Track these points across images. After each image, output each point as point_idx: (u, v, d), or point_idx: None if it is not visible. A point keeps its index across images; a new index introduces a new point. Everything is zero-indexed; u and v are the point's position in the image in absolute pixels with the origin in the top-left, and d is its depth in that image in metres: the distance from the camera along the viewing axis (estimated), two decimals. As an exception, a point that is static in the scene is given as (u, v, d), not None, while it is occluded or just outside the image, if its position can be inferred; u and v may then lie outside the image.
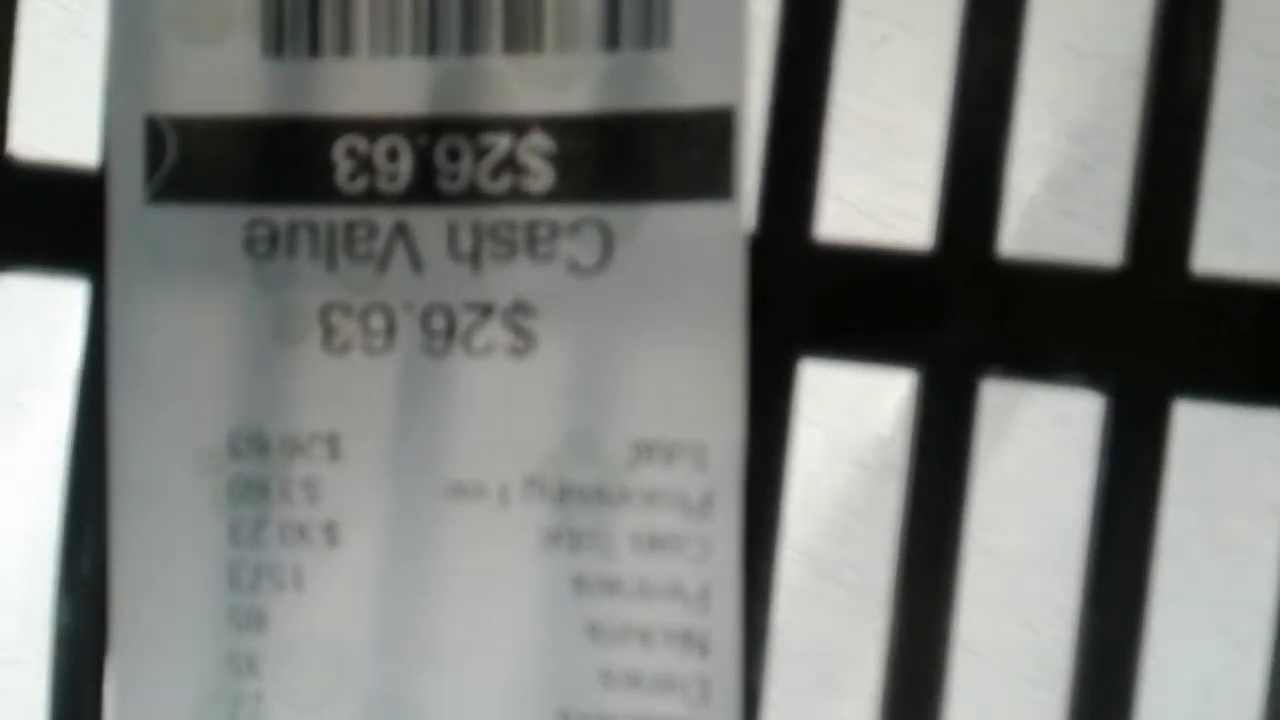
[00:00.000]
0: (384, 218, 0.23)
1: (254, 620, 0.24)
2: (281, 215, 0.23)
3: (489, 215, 0.22)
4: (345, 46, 0.23)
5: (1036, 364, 0.21)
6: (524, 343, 0.23)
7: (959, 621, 0.22)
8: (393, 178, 0.23)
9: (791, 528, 0.22)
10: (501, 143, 0.23)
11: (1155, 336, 0.21)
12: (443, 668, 0.23)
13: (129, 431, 0.24)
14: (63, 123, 0.26)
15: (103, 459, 0.23)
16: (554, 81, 0.23)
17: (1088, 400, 0.21)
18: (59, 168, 0.24)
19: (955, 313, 0.22)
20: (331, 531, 0.23)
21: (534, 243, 0.22)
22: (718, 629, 0.22)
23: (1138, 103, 0.21)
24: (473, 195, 0.23)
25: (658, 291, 0.22)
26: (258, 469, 0.23)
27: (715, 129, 0.22)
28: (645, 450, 0.23)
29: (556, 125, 0.22)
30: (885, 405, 0.26)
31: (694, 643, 0.22)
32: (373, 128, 0.23)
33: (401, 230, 0.23)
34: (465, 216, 0.23)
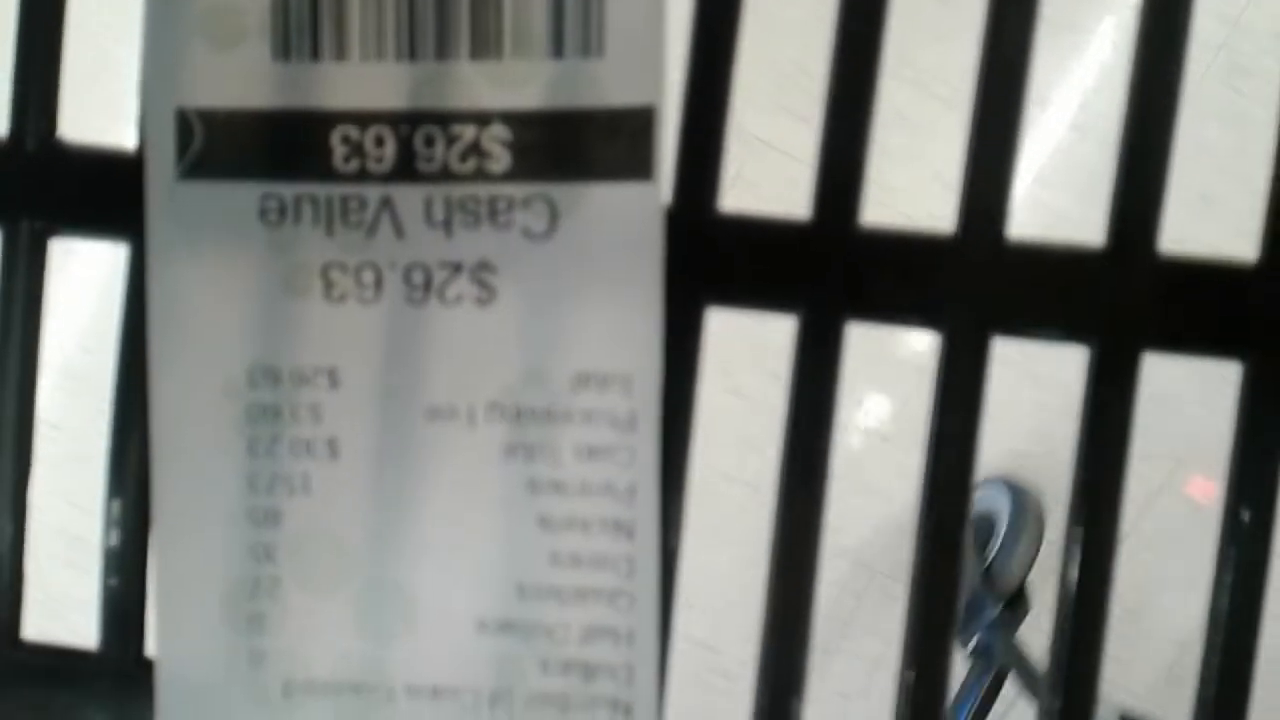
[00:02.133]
0: (372, 193, 0.28)
1: (270, 518, 0.29)
2: (288, 190, 0.28)
3: (458, 191, 0.28)
4: (340, 52, 0.28)
5: (877, 313, 0.27)
6: (487, 294, 0.28)
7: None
8: (379, 160, 0.28)
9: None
10: (468, 132, 0.28)
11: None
12: (425, 555, 0.29)
13: (165, 366, 0.29)
14: (107, 113, 0.30)
15: (144, 390, 0.29)
16: (511, 83, 0.28)
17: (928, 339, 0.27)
18: (105, 151, 0.29)
19: (827, 271, 0.27)
20: (333, 446, 0.29)
21: (495, 214, 0.28)
22: (642, 518, 0.28)
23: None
24: (445, 175, 0.28)
25: (594, 254, 0.28)
26: (271, 396, 0.29)
27: (640, 123, 0.28)
28: (584, 380, 0.28)
29: (513, 119, 0.28)
30: (772, 348, 0.31)
31: (623, 529, 0.28)
32: (363, 119, 0.28)
33: (387, 203, 0.28)
34: (439, 192, 0.28)
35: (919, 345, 0.94)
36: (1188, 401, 0.68)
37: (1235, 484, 0.26)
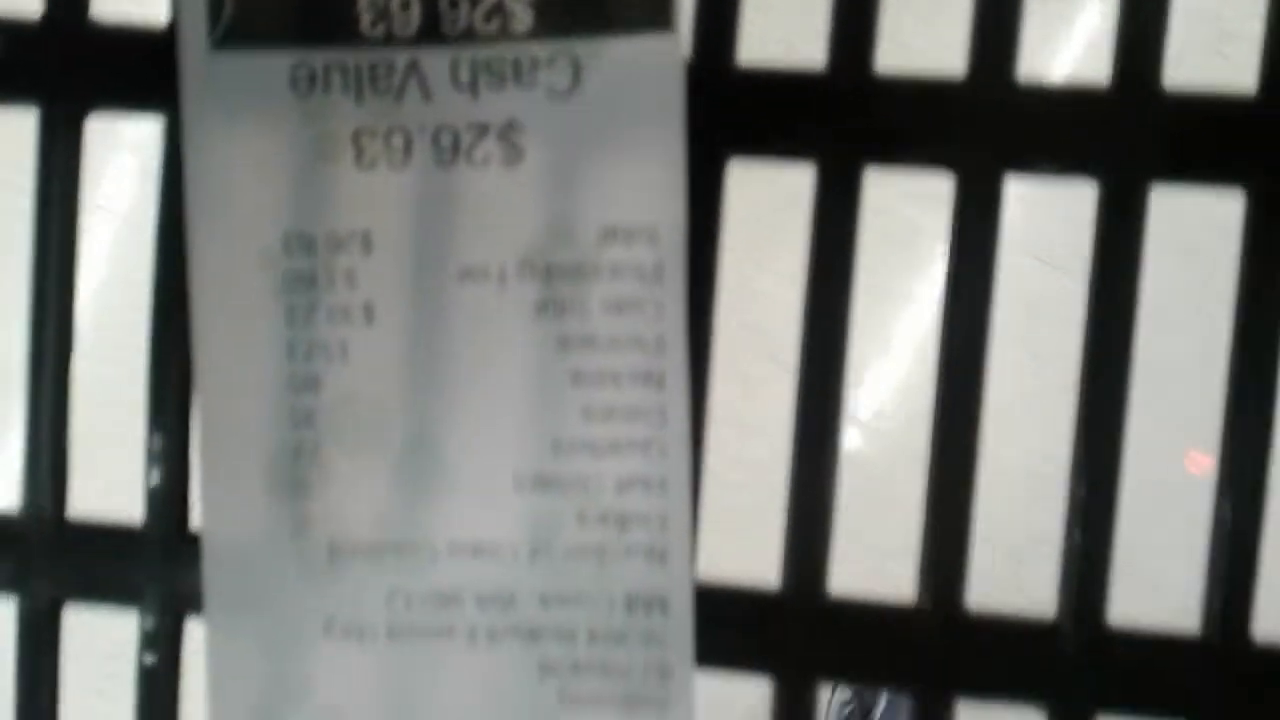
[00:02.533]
0: (400, 57, 0.29)
1: (309, 384, 0.30)
2: (318, 58, 0.29)
3: (483, 52, 0.29)
4: (363, -77, 0.29)
5: (894, 158, 0.28)
6: (514, 154, 0.29)
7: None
8: (406, 23, 0.29)
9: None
10: (490, -5, 0.29)
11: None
12: (461, 414, 0.30)
13: (204, 237, 0.30)
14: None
15: (183, 261, 0.30)
16: (530, -54, 0.29)
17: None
18: (137, 27, 0.30)
19: (844, 118, 0.28)
20: (368, 311, 0.30)
21: (519, 74, 0.29)
22: (671, 369, 0.29)
23: None
24: (470, 36, 0.29)
25: (617, 109, 0.29)
26: (307, 263, 0.30)
27: (658, -21, 0.28)
28: (611, 234, 0.29)
29: (534, -20, 0.29)
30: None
31: (653, 380, 0.29)
32: (388, -13, 0.29)
33: (414, 67, 0.29)
34: (464, 54, 0.29)
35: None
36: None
37: (1241, 313, 0.27)
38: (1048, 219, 0.74)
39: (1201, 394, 0.28)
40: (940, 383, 0.29)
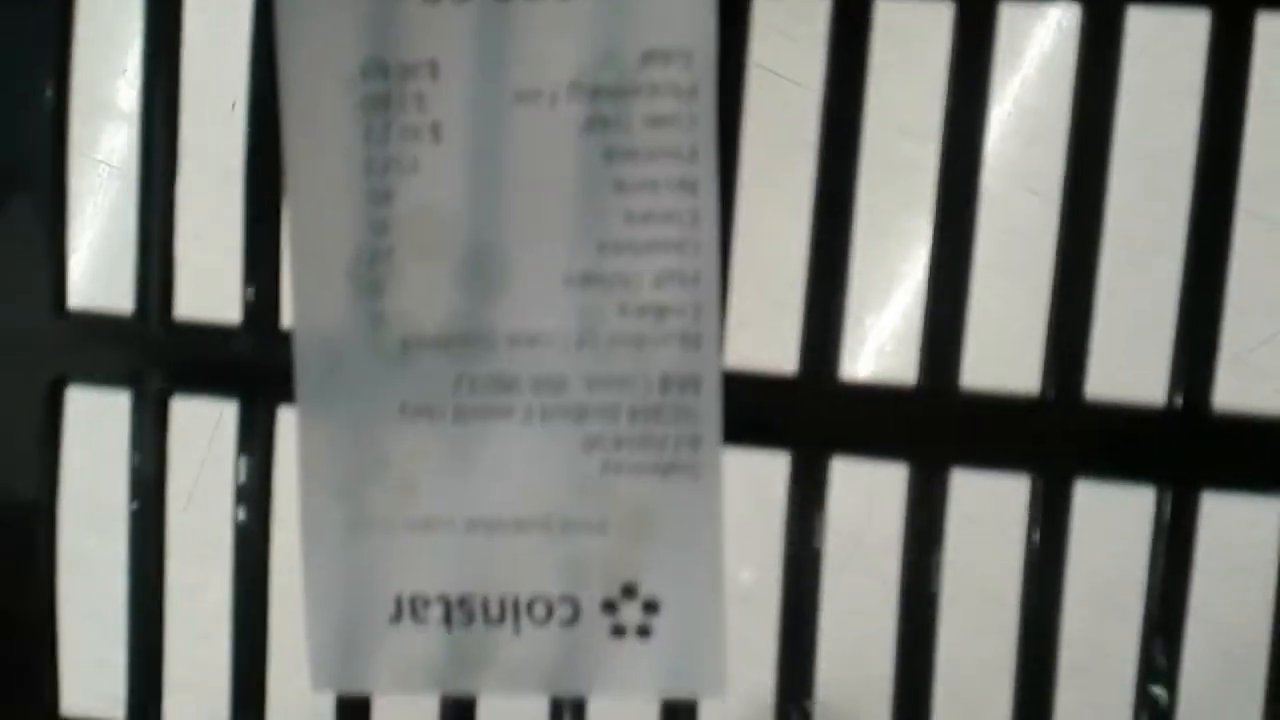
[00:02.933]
0: (464, -98, 0.33)
1: (385, 196, 0.34)
2: (392, -95, 0.33)
3: (537, -104, 0.33)
4: None
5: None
6: (564, -11, 0.33)
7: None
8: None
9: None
10: None
11: None
12: (516, 221, 0.34)
13: (293, 62, 0.34)
14: None
15: (274, 85, 0.34)
16: None
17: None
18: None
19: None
20: (436, 130, 0.34)
21: (569, -85, 0.33)
22: (704, 176, 0.33)
23: None
24: (526, -119, 0.33)
25: (655, -55, 0.33)
26: (382, 87, 0.34)
27: None
28: (650, 57, 0.33)
29: None
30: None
31: (687, 187, 0.33)
32: None
33: (476, -88, 0.33)
34: (521, -102, 0.33)
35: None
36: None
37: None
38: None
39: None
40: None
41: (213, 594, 0.37)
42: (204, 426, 0.38)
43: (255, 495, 0.35)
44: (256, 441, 0.35)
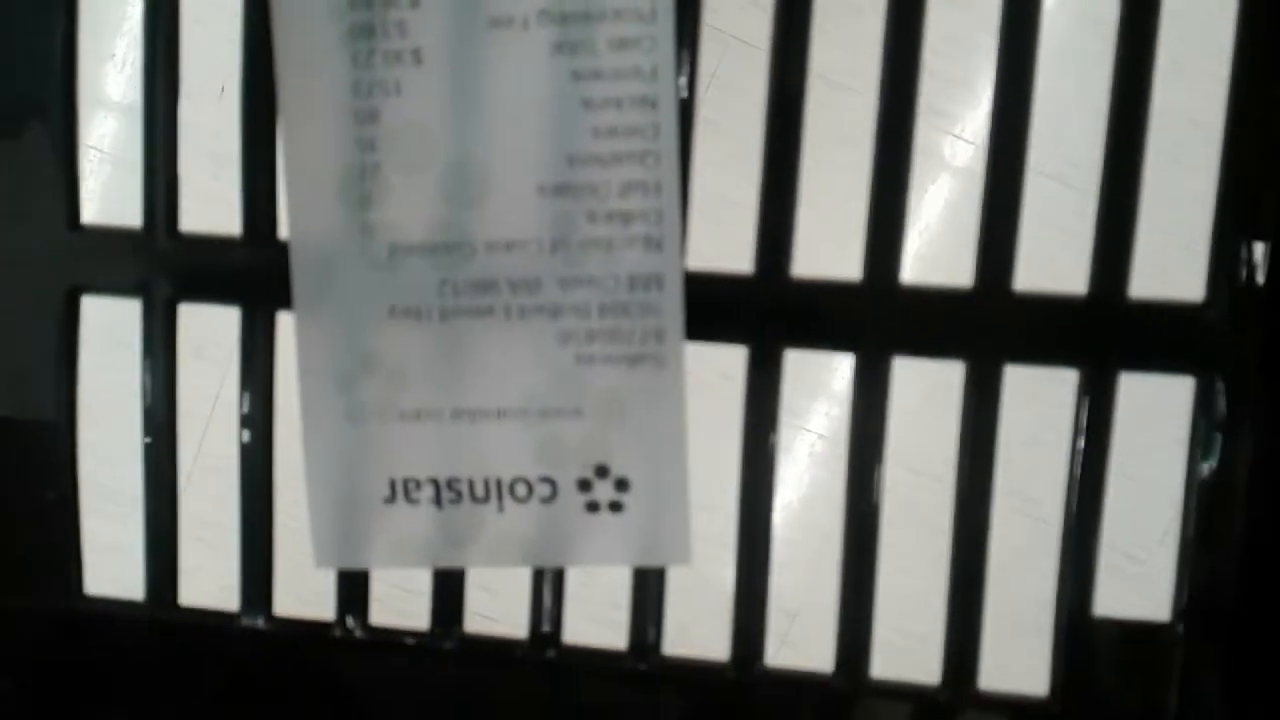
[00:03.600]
0: None
1: (370, 116, 0.37)
2: None
3: None
4: None
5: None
6: (532, -78, 0.36)
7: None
8: None
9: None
10: None
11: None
12: (494, 137, 0.37)
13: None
14: None
15: (266, 15, 0.37)
16: None
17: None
18: None
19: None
20: (417, 55, 0.37)
21: None
22: (663, 93, 0.36)
23: None
24: None
25: (615, -119, 0.36)
26: (366, 15, 0.37)
27: None
28: (613, -16, 0.36)
29: None
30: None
31: (649, 103, 0.36)
32: None
33: None
34: None
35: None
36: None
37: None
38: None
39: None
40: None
41: (223, 487, 0.41)
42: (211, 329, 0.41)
43: (259, 392, 0.39)
44: (258, 343, 0.39)
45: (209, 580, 0.42)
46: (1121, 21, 0.34)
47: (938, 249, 0.41)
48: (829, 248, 0.36)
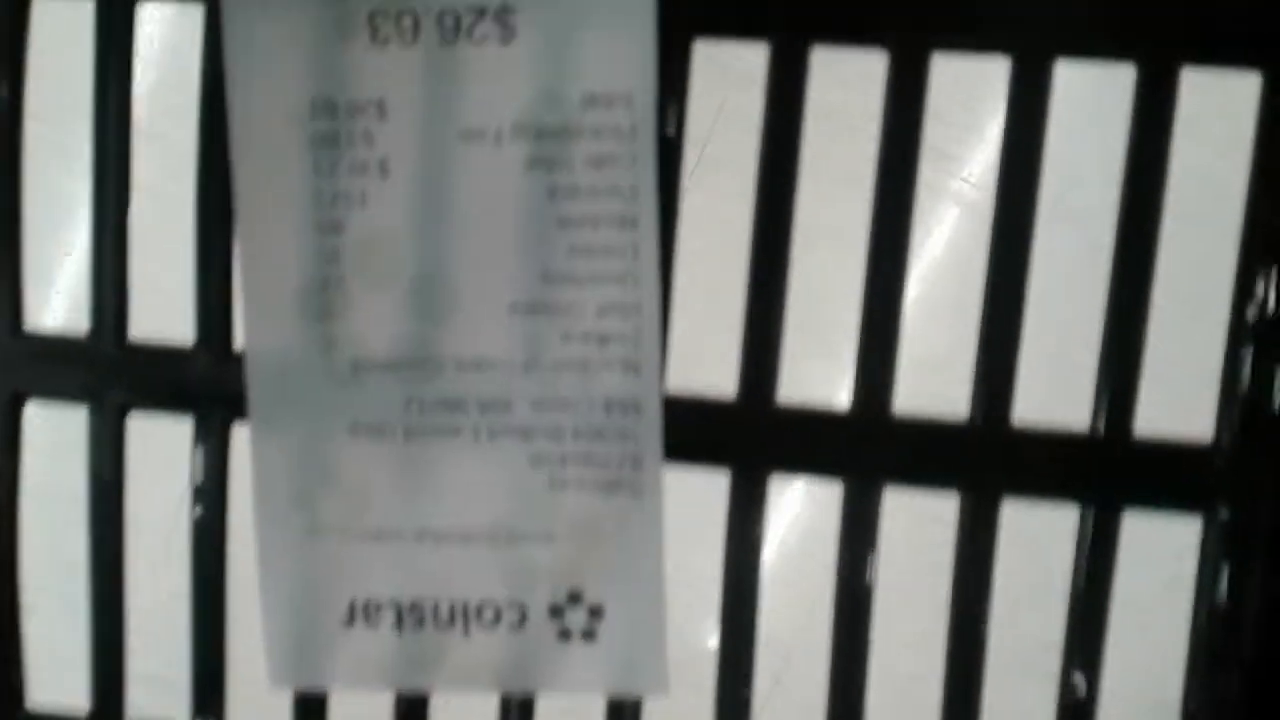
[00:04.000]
0: (410, -53, 0.34)
1: (334, 227, 0.36)
2: (339, -53, 0.34)
3: (482, -56, 0.34)
4: None
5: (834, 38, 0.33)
6: (508, 33, 0.34)
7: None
8: (415, -81, 0.34)
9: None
10: (487, -107, 0.33)
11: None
12: (463, 252, 0.35)
13: (242, 104, 0.35)
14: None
15: (224, 122, 0.35)
16: None
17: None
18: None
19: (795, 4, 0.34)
20: (384, 166, 0.35)
21: (512, -38, 0.34)
22: (644, 212, 0.35)
23: None
24: (471, -70, 0.34)
25: (596, -7, 0.34)
26: (330, 125, 0.35)
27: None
28: (592, 100, 0.34)
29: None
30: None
31: (628, 222, 0.35)
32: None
33: (422, -44, 0.34)
34: (466, -55, 0.34)
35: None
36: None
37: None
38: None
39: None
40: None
41: (172, 592, 0.39)
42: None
43: (211, 504, 0.37)
44: (211, 456, 0.37)
45: (159, 691, 0.40)
46: (1123, 204, 0.33)
47: (932, 376, 0.40)
48: (817, 367, 0.35)
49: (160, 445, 0.39)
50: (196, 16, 0.34)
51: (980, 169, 0.81)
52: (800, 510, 0.76)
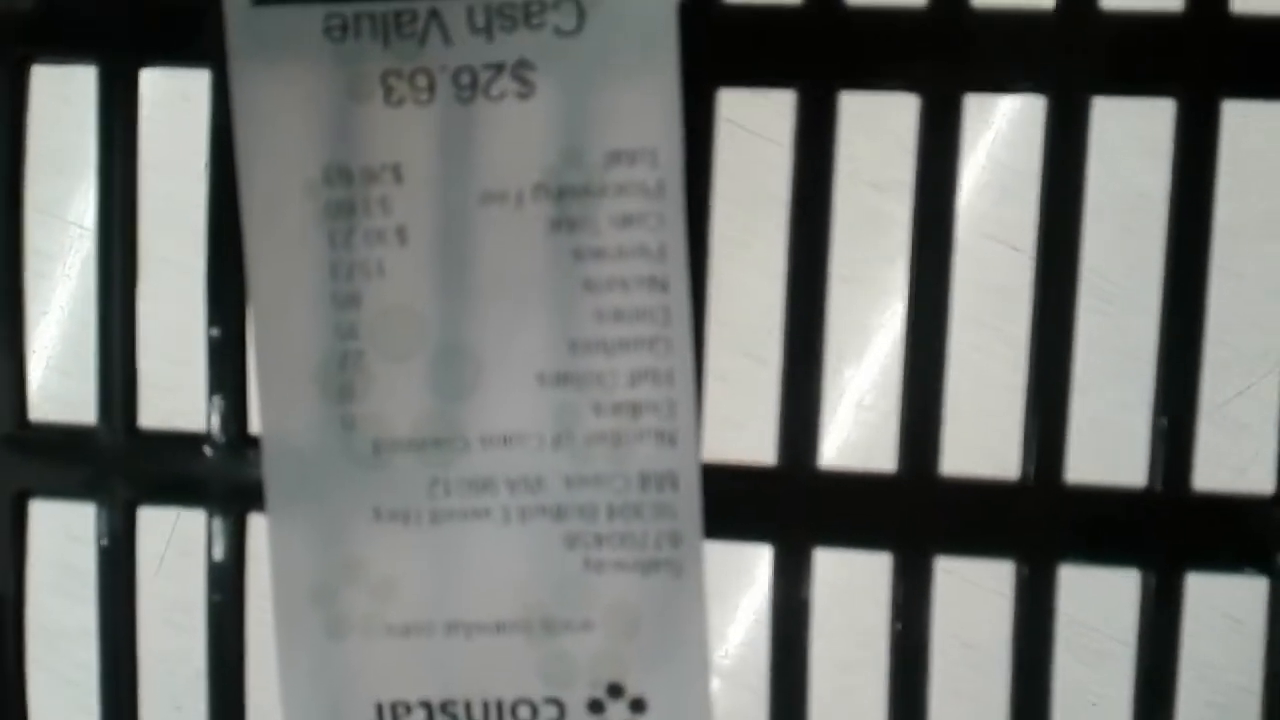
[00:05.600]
0: (421, 5, 0.32)
1: (351, 300, 0.34)
2: (349, 9, 0.33)
3: (496, -1, 0.32)
4: (383, -115, 0.32)
5: (868, 83, 0.32)
6: (526, 89, 0.33)
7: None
8: (427, -24, 0.32)
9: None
10: (501, -53, 0.32)
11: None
12: (486, 322, 0.34)
13: (252, 173, 0.33)
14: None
15: (235, 192, 0.33)
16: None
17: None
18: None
19: (822, 49, 0.32)
20: (401, 233, 0.33)
21: (529, 16, 0.32)
22: (674, 273, 0.33)
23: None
24: (485, -16, 0.32)
25: (619, 45, 0.32)
26: (345, 192, 0.33)
27: (649, -73, 0.32)
28: (616, 157, 0.33)
29: (539, -68, 0.32)
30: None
31: (658, 284, 0.33)
32: (408, -58, 0.32)
33: (434, 14, 0.32)
34: (480, 1, 0.32)
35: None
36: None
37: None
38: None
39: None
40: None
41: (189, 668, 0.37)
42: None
43: (229, 600, 0.35)
44: (228, 548, 0.35)
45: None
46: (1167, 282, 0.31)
47: (976, 435, 0.37)
48: (862, 433, 0.32)
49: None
50: (203, 82, 0.33)
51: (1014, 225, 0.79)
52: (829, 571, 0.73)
